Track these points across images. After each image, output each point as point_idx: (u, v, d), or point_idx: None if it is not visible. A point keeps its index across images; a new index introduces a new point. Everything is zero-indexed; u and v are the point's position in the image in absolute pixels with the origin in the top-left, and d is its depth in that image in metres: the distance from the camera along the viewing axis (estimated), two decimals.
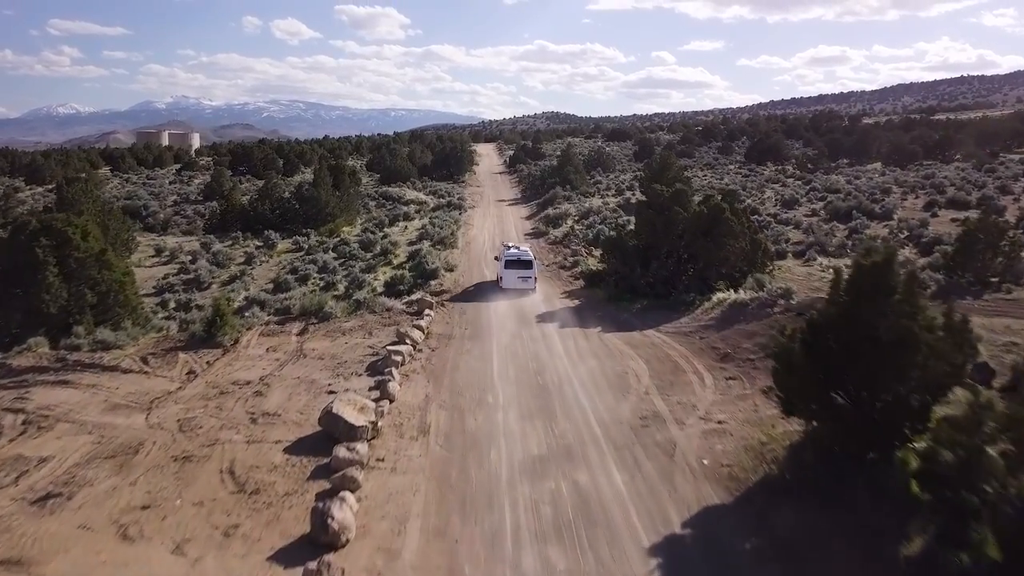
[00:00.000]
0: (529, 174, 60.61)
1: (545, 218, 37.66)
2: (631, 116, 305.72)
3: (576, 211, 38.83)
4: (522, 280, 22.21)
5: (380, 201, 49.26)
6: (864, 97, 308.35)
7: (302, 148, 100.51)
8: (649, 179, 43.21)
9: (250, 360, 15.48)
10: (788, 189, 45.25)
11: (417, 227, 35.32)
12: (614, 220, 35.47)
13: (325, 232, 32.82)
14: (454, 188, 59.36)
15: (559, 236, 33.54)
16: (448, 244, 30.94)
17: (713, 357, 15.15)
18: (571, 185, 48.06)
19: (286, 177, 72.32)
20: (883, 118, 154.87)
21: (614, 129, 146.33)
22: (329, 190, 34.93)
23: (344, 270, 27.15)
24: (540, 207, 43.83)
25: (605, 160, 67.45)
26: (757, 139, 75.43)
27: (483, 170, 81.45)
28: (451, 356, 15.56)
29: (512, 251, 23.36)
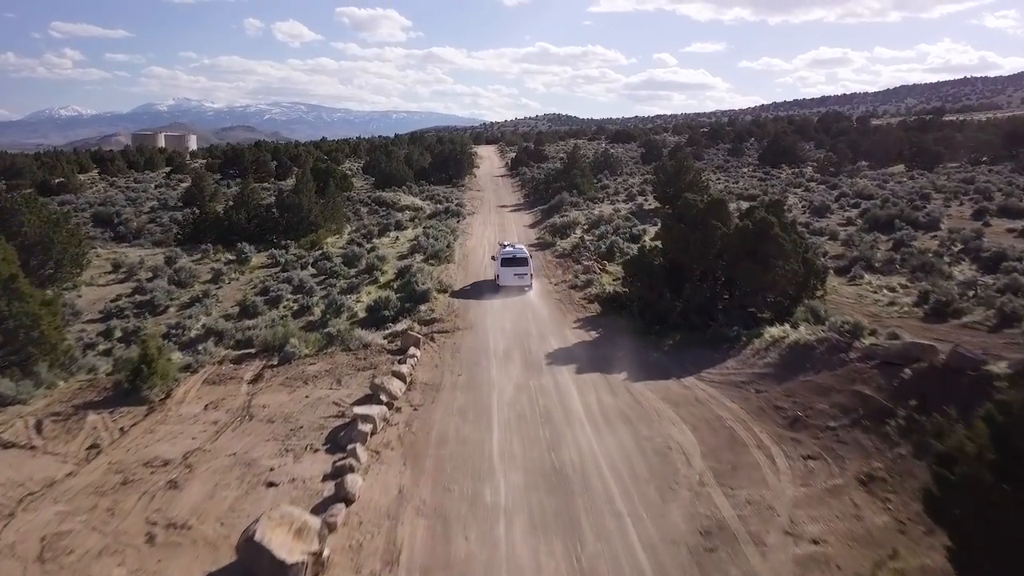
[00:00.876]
0: (532, 178, 57.15)
1: (551, 227, 34.16)
2: (633, 118, 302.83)
3: (585, 219, 35.35)
4: (518, 277, 22.67)
5: (373, 207, 45.81)
6: (867, 99, 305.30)
7: (297, 150, 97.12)
8: (663, 183, 39.78)
9: (180, 423, 11.98)
10: (815, 194, 41.70)
11: (410, 238, 31.85)
12: (628, 229, 31.98)
13: (306, 244, 29.39)
14: (453, 193, 55.89)
15: (567, 248, 30.03)
16: (443, 258, 27.44)
17: (779, 421, 11.62)
18: (578, 190, 44.60)
19: (278, 180, 69.00)
20: (893, 119, 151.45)
21: (618, 131, 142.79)
22: (312, 197, 31.49)
23: (323, 290, 23.69)
24: (545, 214, 40.33)
25: (612, 163, 63.96)
26: (771, 140, 71.82)
27: (484, 173, 77.98)
28: (438, 419, 12.02)
29: (508, 249, 23.97)
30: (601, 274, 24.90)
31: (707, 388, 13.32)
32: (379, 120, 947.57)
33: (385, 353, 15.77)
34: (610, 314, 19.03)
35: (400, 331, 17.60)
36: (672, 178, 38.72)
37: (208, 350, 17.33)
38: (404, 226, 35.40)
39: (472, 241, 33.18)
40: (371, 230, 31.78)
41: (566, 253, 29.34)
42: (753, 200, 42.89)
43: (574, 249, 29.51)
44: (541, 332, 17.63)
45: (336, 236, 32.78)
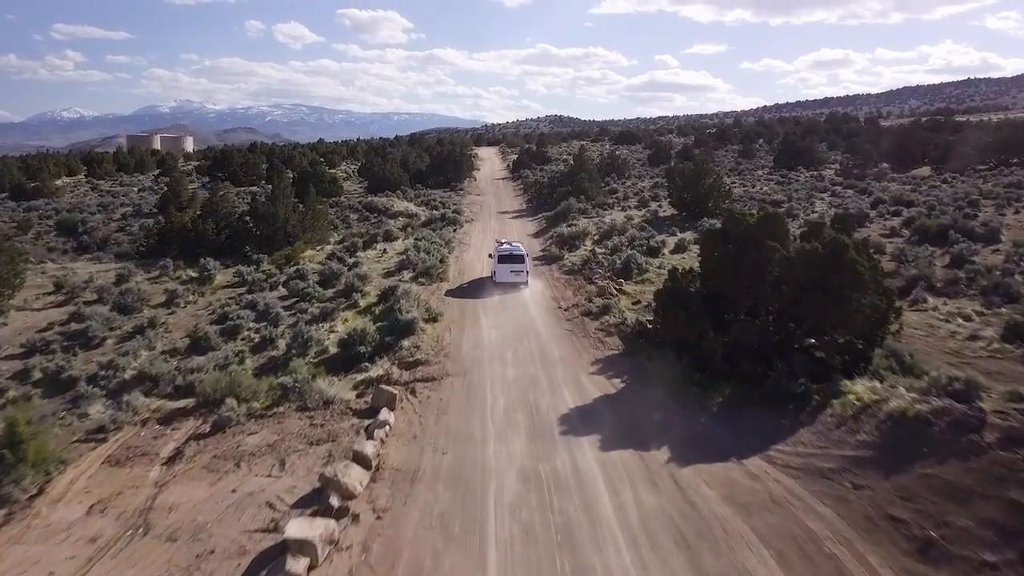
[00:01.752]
0: (536, 181, 53.58)
1: (558, 238, 30.54)
2: (635, 119, 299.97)
3: (595, 228, 31.72)
4: (514, 274, 23.15)
5: (363, 214, 42.24)
6: (870, 100, 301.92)
7: (291, 152, 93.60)
8: (679, 188, 36.20)
9: (42, 541, 8.41)
10: (846, 200, 38.04)
11: (399, 251, 28.25)
12: (644, 241, 28.36)
13: (280, 259, 25.81)
14: (451, 197, 52.30)
15: (577, 263, 26.42)
16: (435, 276, 23.84)
17: (903, 545, 8.00)
18: (586, 195, 41.01)
19: (269, 184, 65.51)
20: (902, 120, 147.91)
21: (622, 132, 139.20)
22: (290, 205, 27.91)
23: (291, 316, 20.11)
24: (550, 222, 36.72)
25: (620, 165, 60.34)
26: (786, 142, 68.16)
27: (484, 176, 74.39)
28: (409, 538, 8.40)
29: (505, 247, 24.41)
30: (618, 296, 21.29)
31: (783, 478, 9.70)
32: (381, 122, 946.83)
33: (350, 415, 12.18)
34: (636, 353, 15.40)
35: (374, 379, 14.03)
36: (690, 182, 35.12)
37: (133, 404, 13.76)
38: (394, 236, 31.79)
39: (469, 254, 29.57)
40: (355, 242, 28.14)
41: (576, 269, 25.72)
42: (778, 206, 39.37)
43: (585, 264, 25.89)
44: (551, 379, 14.02)
45: (318, 248, 29.19)
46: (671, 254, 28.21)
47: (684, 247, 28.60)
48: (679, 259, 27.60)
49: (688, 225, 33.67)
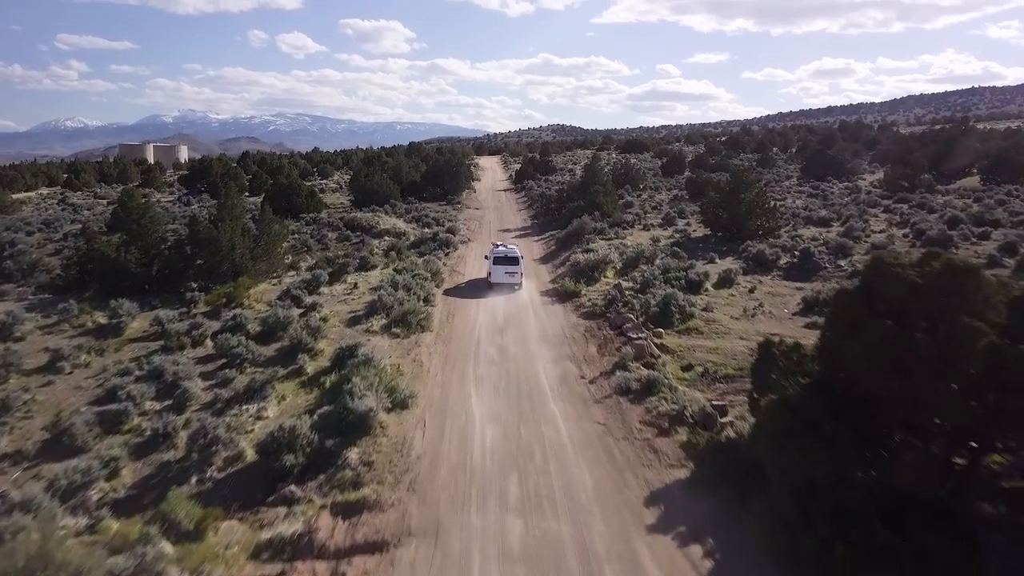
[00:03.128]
0: (542, 194, 47.95)
1: (573, 267, 24.78)
2: (637, 128, 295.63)
3: (617, 253, 25.97)
4: (509, 275, 23.54)
5: (343, 232, 36.65)
6: (874, 108, 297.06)
7: (280, 162, 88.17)
8: (716, 203, 30.51)
9: None
10: (907, 217, 32.25)
11: (374, 284, 22.54)
12: (682, 273, 22.60)
13: (220, 297, 20.16)
14: (447, 212, 46.69)
15: (599, 302, 20.67)
16: (413, 325, 18.09)
17: None
18: (600, 211, 35.34)
19: (252, 196, 60.01)
20: (918, 127, 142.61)
21: (629, 140, 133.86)
22: (239, 227, 22.24)
23: (210, 391, 14.43)
24: (561, 244, 31.00)
25: (633, 176, 54.71)
26: (816, 150, 62.50)
27: (485, 187, 68.85)
28: None
29: (501, 249, 24.62)
30: (662, 360, 15.53)
31: None
32: (383, 131, 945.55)
33: None
34: (716, 481, 9.60)
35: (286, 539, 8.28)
36: (729, 197, 29.41)
37: None
38: (371, 264, 26.06)
39: (463, 286, 23.84)
40: (319, 275, 22.36)
41: (598, 311, 19.97)
42: (827, 225, 33.66)
43: (609, 305, 20.13)
44: (584, 548, 8.22)
45: (274, 281, 23.52)
46: (715, 288, 22.49)
47: (731, 280, 22.86)
48: (727, 296, 21.88)
49: (727, 249, 27.94)
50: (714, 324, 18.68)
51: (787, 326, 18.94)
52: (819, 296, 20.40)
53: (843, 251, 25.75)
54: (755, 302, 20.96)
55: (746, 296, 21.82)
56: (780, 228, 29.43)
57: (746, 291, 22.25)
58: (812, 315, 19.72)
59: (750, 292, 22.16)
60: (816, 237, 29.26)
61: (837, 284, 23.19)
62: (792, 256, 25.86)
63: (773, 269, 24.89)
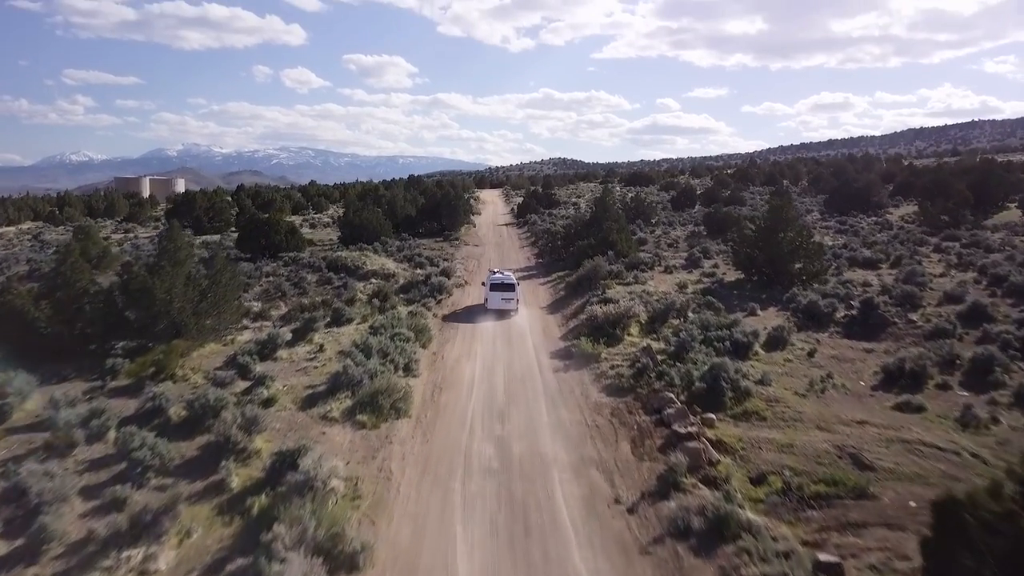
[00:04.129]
0: (547, 230, 44.02)
1: (589, 321, 20.51)
2: (638, 162, 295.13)
3: (641, 303, 21.70)
4: (505, 301, 24.15)
5: (325, 275, 32.60)
6: (874, 142, 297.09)
7: (273, 195, 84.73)
8: (750, 242, 26.44)
9: None
10: (971, 257, 28.04)
11: (346, 344, 18.29)
12: (725, 331, 18.30)
13: (146, 366, 15.92)
14: (443, 249, 42.76)
15: (625, 371, 16.37)
16: (386, 410, 13.74)
17: None
18: (614, 250, 31.29)
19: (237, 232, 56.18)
20: (928, 160, 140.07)
21: (633, 173, 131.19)
22: (181, 276, 18.10)
23: (89, 519, 10.07)
24: (572, 289, 26.80)
25: (645, 210, 50.90)
26: (841, 183, 58.86)
27: (486, 221, 65.18)
28: None
29: (497, 275, 25.45)
30: (724, 470, 11.17)
31: None
32: (386, 164, 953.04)
33: None
34: None
35: None
36: (764, 236, 25.34)
37: None
38: (347, 316, 21.82)
39: (455, 350, 19.54)
40: (275, 337, 18.04)
41: (626, 385, 15.65)
42: (875, 266, 29.54)
43: (640, 377, 15.82)
44: None
45: (225, 341, 19.27)
46: (766, 350, 18.23)
47: (784, 339, 18.62)
48: (783, 361, 17.59)
49: (767, 297, 23.74)
50: (778, 405, 14.38)
51: (871, 407, 14.64)
52: (902, 364, 16.15)
53: (910, 301, 21.56)
54: (820, 370, 16.69)
55: (806, 362, 17.55)
56: (826, 272, 25.31)
57: (804, 355, 17.99)
58: (898, 390, 15.48)
59: (810, 356, 17.90)
60: (868, 283, 25.12)
61: (915, 344, 19.07)
62: (848, 306, 21.68)
63: (830, 324, 20.65)
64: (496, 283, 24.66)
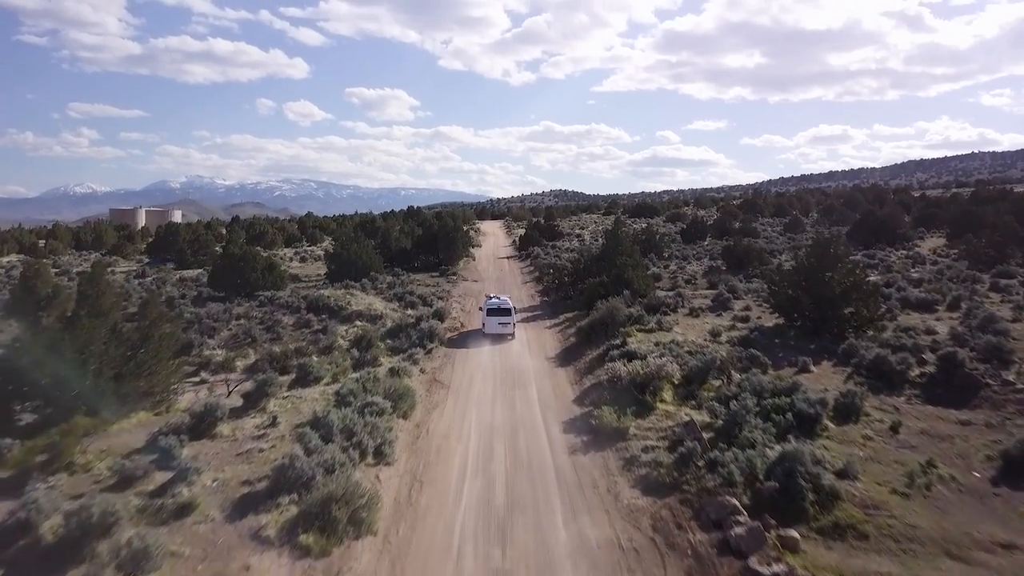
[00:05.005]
0: (551, 265, 40.47)
1: (611, 383, 16.66)
2: (639, 193, 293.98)
3: (671, 357, 17.86)
4: (502, 326, 24.55)
5: (303, 316, 28.96)
6: (874, 173, 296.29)
7: (266, 227, 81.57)
8: (793, 283, 22.78)
9: None
10: None
11: (306, 413, 14.51)
12: (784, 398, 14.48)
13: (36, 451, 12.17)
14: (438, 285, 39.17)
15: (664, 457, 12.53)
16: (342, 525, 9.91)
17: None
18: (630, 288, 27.62)
19: None
20: (939, 192, 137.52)
21: (638, 204, 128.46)
22: (103, 330, 14.43)
23: None
24: (585, 337, 22.99)
25: (657, 243, 47.44)
26: (864, 214, 55.59)
27: (486, 253, 61.76)
28: None
29: (494, 300, 25.80)
30: None
31: None
32: (388, 196, 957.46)
33: None
34: None
35: None
36: (811, 275, 21.67)
37: None
38: (315, 373, 17.99)
39: (444, 420, 15.68)
40: (212, 407, 14.20)
41: (666, 479, 11.79)
42: (930, 308, 25.83)
43: (684, 466, 11.98)
44: None
45: (159, 411, 15.48)
46: (836, 423, 14.41)
47: (855, 407, 14.81)
48: (861, 438, 13.74)
49: (817, 348, 19.93)
50: (879, 514, 10.55)
51: (1005, 516, 10.77)
52: None
53: (997, 355, 17.78)
54: (914, 454, 12.87)
55: (891, 440, 13.72)
56: (882, 317, 21.58)
57: (886, 430, 14.17)
58: None
59: (894, 432, 14.07)
60: (933, 330, 21.38)
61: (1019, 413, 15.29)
62: (920, 360, 17.92)
63: (904, 385, 16.84)
64: (493, 308, 25.08)
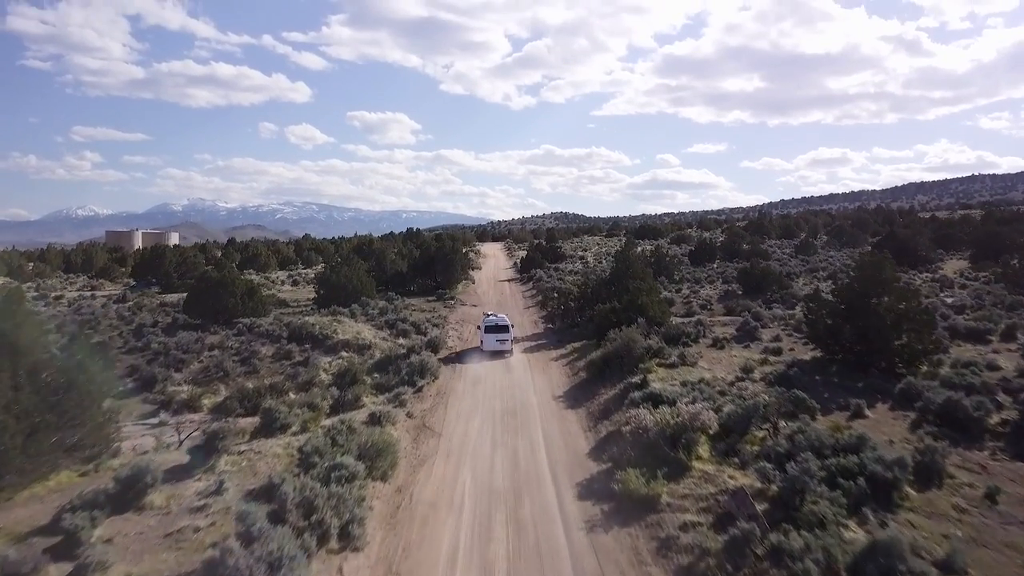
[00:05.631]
0: (555, 288, 37.82)
1: (635, 435, 13.88)
2: (640, 216, 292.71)
3: (703, 399, 15.11)
4: (500, 343, 25.21)
5: (284, 347, 26.27)
6: (875, 196, 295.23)
7: (258, 249, 79.13)
8: (835, 311, 20.07)
9: None
10: None
11: (262, 474, 11.77)
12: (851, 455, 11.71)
13: None
14: (434, 311, 36.54)
15: (709, 540, 9.75)
16: None
17: None
18: (645, 316, 24.91)
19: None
20: (947, 213, 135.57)
21: (642, 226, 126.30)
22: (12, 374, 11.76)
23: None
24: (597, 373, 20.20)
25: (667, 265, 44.85)
26: (886, 234, 53.10)
27: (486, 276, 59.22)
28: None
29: (491, 318, 26.31)
30: None
31: None
32: (389, 219, 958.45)
33: None
34: None
35: None
36: (855, 301, 18.98)
37: None
38: (281, 421, 15.23)
39: (432, 481, 12.86)
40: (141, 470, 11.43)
41: (717, 572, 9.01)
42: (982, 339, 23.16)
43: (738, 555, 9.21)
44: None
45: (86, 470, 12.74)
46: (914, 488, 11.63)
47: (936, 469, 12.02)
48: (951, 507, 10.96)
49: (865, 387, 17.18)
50: None
51: None
52: None
53: None
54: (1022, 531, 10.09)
55: (990, 512, 10.92)
56: (939, 349, 18.81)
57: (980, 497, 11.38)
58: None
59: (989, 500, 11.28)
60: (995, 364, 18.63)
61: None
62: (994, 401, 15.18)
63: (983, 434, 14.07)
64: (490, 325, 25.69)
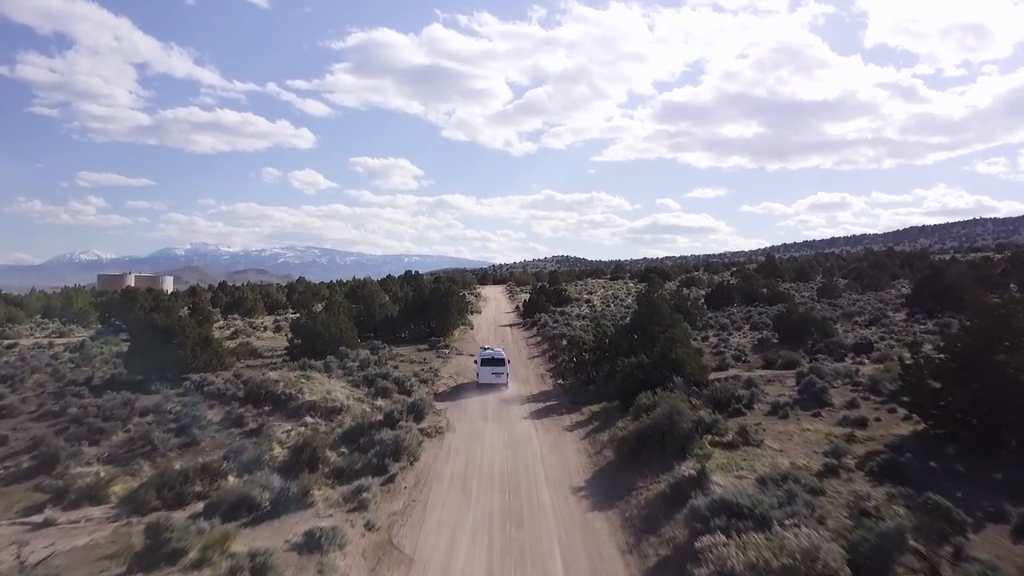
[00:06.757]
0: (563, 336, 33.02)
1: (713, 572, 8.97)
2: (641, 259, 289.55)
3: (807, 516, 10.24)
4: (496, 376, 25.80)
5: (235, 410, 21.39)
6: (876, 239, 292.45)
7: (244, 294, 74.64)
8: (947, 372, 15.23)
9: None
10: None
11: None
12: None
13: None
14: (426, 361, 31.69)
15: None
16: None
17: None
18: (681, 373, 20.06)
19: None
20: (960, 255, 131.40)
21: (647, 268, 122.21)
22: None
23: None
24: (628, 453, 15.25)
25: (689, 310, 40.15)
26: (927, 276, 48.46)
27: (487, 320, 54.49)
28: None
29: (488, 351, 27.31)
30: None
31: None
32: (391, 263, 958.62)
33: None
34: None
35: None
36: (972, 360, 14.22)
37: None
38: (176, 542, 10.36)
39: None
40: None
41: None
42: None
43: None
44: None
45: None
46: None
47: None
48: None
49: (1005, 479, 12.30)
50: None
51: None
52: None
53: None
54: None
55: None
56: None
57: None
58: None
59: None
60: None
61: None
62: None
63: None
64: (487, 358, 26.15)
